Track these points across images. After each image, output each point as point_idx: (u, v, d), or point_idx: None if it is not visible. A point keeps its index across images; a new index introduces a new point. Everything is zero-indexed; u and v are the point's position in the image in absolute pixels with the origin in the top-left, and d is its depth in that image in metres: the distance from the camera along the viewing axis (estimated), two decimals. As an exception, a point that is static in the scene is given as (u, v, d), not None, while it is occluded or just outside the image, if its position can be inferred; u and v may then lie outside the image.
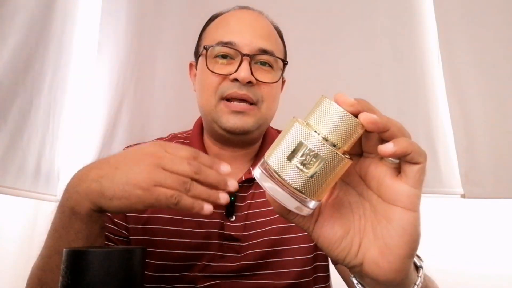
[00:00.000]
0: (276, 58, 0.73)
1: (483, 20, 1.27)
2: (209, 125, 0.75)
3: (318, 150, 0.34)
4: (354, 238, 0.37)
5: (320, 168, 0.34)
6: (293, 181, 0.35)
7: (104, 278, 0.37)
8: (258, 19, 0.76)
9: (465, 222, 1.28)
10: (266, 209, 0.71)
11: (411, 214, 0.34)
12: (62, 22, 1.19)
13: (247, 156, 0.78)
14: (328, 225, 0.38)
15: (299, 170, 0.34)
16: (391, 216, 0.35)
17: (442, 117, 1.28)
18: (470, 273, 1.22)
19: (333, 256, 0.38)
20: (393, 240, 0.34)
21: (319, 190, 0.35)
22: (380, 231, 0.35)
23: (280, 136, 0.38)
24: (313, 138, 0.34)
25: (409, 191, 0.34)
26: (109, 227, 0.71)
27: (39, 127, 1.10)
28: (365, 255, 0.36)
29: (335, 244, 0.38)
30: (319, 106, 0.36)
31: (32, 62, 1.06)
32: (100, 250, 0.38)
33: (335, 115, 0.35)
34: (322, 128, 0.35)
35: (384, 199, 0.36)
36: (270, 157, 0.37)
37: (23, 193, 1.05)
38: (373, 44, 1.30)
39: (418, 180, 0.34)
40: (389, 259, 0.34)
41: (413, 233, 0.34)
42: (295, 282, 0.68)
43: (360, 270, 0.37)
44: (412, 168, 0.34)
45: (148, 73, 1.27)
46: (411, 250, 0.34)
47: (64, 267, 0.38)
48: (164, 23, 1.29)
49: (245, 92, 0.69)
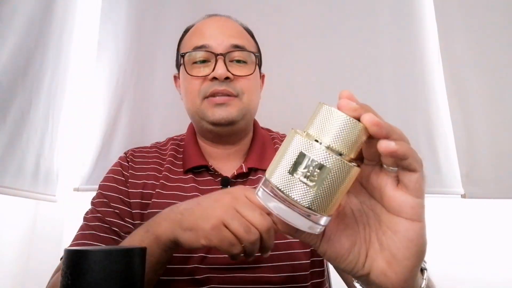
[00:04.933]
0: (249, 53, 0.78)
1: (483, 20, 1.27)
2: (198, 124, 0.80)
3: (322, 160, 0.31)
4: (361, 249, 0.37)
5: (327, 180, 0.31)
6: (301, 198, 0.32)
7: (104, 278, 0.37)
8: (227, 21, 0.82)
9: (466, 222, 1.28)
10: None
11: (416, 225, 0.33)
12: (62, 22, 1.19)
13: (239, 152, 0.82)
14: (335, 238, 0.38)
15: (305, 185, 0.32)
16: (396, 228, 0.34)
17: (442, 117, 1.28)
18: (470, 274, 1.22)
19: (341, 268, 0.38)
20: (400, 252, 0.34)
21: (330, 205, 0.32)
22: (386, 242, 0.35)
23: (279, 151, 0.35)
24: (316, 149, 0.32)
25: (412, 201, 0.33)
26: (118, 222, 0.72)
27: (38, 127, 1.10)
28: (372, 265, 0.36)
29: (343, 257, 0.37)
30: (318, 114, 0.33)
31: (31, 62, 1.06)
32: (100, 250, 0.38)
33: (336, 121, 0.32)
34: (324, 137, 0.32)
35: (388, 210, 0.35)
36: (272, 175, 0.34)
37: (22, 193, 1.05)
38: (373, 44, 1.30)
39: (419, 189, 0.33)
40: (396, 270, 0.34)
41: (420, 244, 0.34)
42: (292, 275, 0.69)
43: (367, 280, 0.37)
44: (411, 177, 0.33)
45: (148, 73, 1.27)
46: (419, 261, 0.34)
47: (64, 267, 0.38)
48: (164, 23, 1.29)
49: (224, 88, 0.74)
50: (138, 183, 0.76)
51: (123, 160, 0.81)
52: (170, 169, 0.79)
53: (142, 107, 1.26)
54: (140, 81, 1.27)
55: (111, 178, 0.78)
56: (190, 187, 0.76)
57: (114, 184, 0.77)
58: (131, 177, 0.77)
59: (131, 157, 0.82)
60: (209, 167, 0.77)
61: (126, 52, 1.27)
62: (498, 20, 1.26)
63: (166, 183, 0.76)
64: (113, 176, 0.78)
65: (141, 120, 1.25)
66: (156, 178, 0.77)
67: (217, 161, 0.80)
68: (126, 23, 1.29)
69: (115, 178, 0.78)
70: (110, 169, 0.81)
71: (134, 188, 0.76)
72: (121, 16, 1.29)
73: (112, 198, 0.75)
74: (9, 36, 0.98)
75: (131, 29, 1.29)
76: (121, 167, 0.79)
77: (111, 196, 0.75)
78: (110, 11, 1.30)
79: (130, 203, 0.75)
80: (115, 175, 0.78)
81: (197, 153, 0.80)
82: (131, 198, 0.75)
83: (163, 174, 0.78)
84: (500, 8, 1.26)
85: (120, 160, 0.82)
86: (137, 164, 0.80)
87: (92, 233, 0.70)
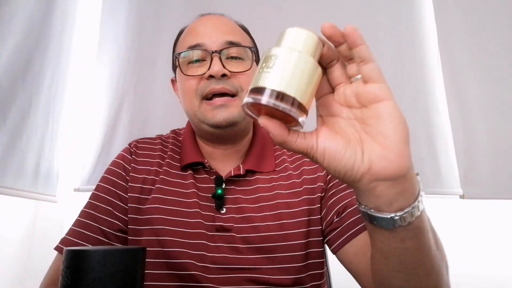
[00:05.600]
0: (245, 48, 0.77)
1: (483, 21, 1.27)
2: (198, 127, 0.78)
3: (278, 52, 0.38)
4: (356, 147, 0.40)
5: (287, 64, 0.37)
6: (267, 83, 0.37)
7: (104, 278, 0.37)
8: (220, 19, 0.81)
9: (464, 222, 1.29)
10: (258, 205, 0.73)
11: (390, 102, 0.39)
12: (62, 22, 1.19)
13: (238, 153, 0.80)
14: (330, 138, 0.41)
15: (267, 73, 0.37)
16: (378, 111, 0.39)
17: (441, 118, 1.28)
18: (469, 273, 1.22)
19: (342, 167, 0.40)
20: (387, 128, 0.39)
21: (298, 88, 0.37)
22: (375, 129, 0.40)
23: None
24: (273, 50, 0.39)
25: (379, 86, 0.40)
26: (108, 220, 0.73)
27: (38, 127, 1.11)
28: (370, 155, 0.39)
29: (341, 153, 0.40)
30: (279, 35, 0.41)
31: (31, 63, 1.06)
32: (100, 250, 0.38)
33: (290, 32, 0.40)
34: (281, 44, 0.40)
35: (367, 104, 0.40)
36: (250, 84, 0.39)
37: (22, 193, 1.05)
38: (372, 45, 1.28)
39: (379, 76, 0.40)
40: (390, 146, 0.39)
41: (399, 115, 0.39)
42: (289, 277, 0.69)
43: (370, 177, 0.40)
44: (368, 67, 0.40)
45: (148, 73, 1.28)
46: (405, 132, 0.39)
47: (64, 267, 0.38)
48: (164, 24, 1.29)
49: (222, 86, 0.72)
50: (139, 178, 0.76)
51: (126, 153, 0.80)
52: (171, 164, 0.78)
53: (142, 107, 1.27)
54: (140, 82, 1.27)
55: (112, 172, 0.78)
56: (189, 183, 0.75)
57: (114, 178, 0.77)
58: (132, 171, 0.77)
59: (134, 149, 0.81)
60: (205, 164, 0.77)
61: (126, 52, 1.28)
62: (497, 22, 1.26)
63: (167, 179, 0.76)
64: (115, 170, 0.78)
65: (141, 120, 1.26)
66: (157, 173, 0.77)
67: (216, 161, 0.79)
68: (126, 23, 1.29)
69: (116, 171, 0.77)
70: (113, 161, 0.81)
71: (134, 182, 0.76)
72: (122, 17, 1.30)
73: (109, 192, 0.75)
74: (9, 36, 0.98)
75: (131, 30, 1.29)
76: (124, 160, 0.79)
77: (108, 190, 0.75)
78: (110, 11, 1.30)
79: (127, 198, 0.75)
80: (117, 169, 0.78)
81: (194, 150, 0.79)
82: (129, 193, 0.75)
83: (164, 169, 0.77)
84: (499, 11, 1.27)
85: (124, 152, 0.81)
86: (140, 157, 0.79)
87: (81, 231, 0.71)
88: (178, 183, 0.76)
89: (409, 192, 0.41)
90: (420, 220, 0.42)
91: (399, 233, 0.43)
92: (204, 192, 0.75)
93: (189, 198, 0.74)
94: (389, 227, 0.42)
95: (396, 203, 0.41)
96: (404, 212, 0.41)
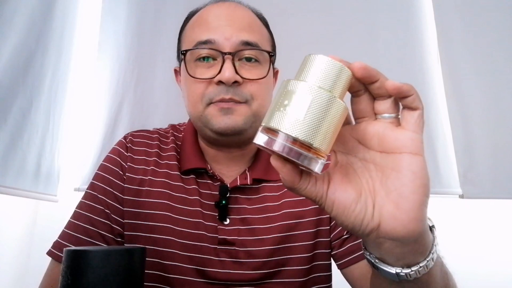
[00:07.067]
0: (262, 51, 0.68)
1: (482, 20, 1.27)
2: (201, 130, 0.71)
3: (306, 93, 0.32)
4: (367, 200, 0.36)
5: (311, 109, 0.32)
6: (289, 129, 0.32)
7: (104, 278, 0.37)
8: (236, 9, 0.70)
9: (464, 222, 1.29)
10: (264, 215, 0.68)
11: (418, 158, 0.34)
12: (62, 22, 1.19)
13: (245, 157, 0.73)
14: (341, 189, 0.37)
15: (290, 114, 0.32)
16: (400, 164, 0.35)
17: (441, 117, 1.28)
18: (468, 273, 1.22)
19: (351, 222, 0.37)
20: (405, 188, 0.34)
21: (319, 134, 0.32)
22: (391, 184, 0.35)
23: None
24: (297, 85, 0.33)
25: (413, 135, 0.35)
26: (102, 222, 0.68)
27: (39, 127, 1.11)
28: (381, 213, 0.35)
29: (351, 207, 0.36)
30: (304, 62, 0.35)
31: (32, 62, 1.06)
32: (100, 250, 0.38)
33: (319, 63, 0.34)
34: (308, 78, 0.33)
35: (390, 151, 0.36)
36: (265, 120, 0.34)
37: (23, 193, 1.05)
38: (371, 44, 1.31)
39: (419, 125, 0.35)
40: (405, 209, 0.34)
41: (424, 176, 0.34)
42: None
43: (378, 234, 0.36)
44: (413, 114, 0.35)
45: (149, 73, 1.28)
46: (425, 195, 0.34)
47: (64, 267, 0.38)
48: (164, 23, 1.29)
49: (231, 96, 0.64)
50: (135, 178, 0.70)
51: (122, 147, 0.73)
52: (171, 165, 0.72)
53: (142, 107, 1.27)
54: (140, 81, 1.27)
55: (108, 169, 0.71)
56: (192, 189, 0.69)
57: (109, 177, 0.70)
58: (128, 170, 0.70)
59: (130, 144, 0.73)
60: (208, 171, 0.70)
61: (126, 52, 1.28)
62: (496, 22, 1.26)
63: (168, 181, 0.70)
64: (111, 167, 0.71)
65: (141, 120, 1.26)
66: (155, 174, 0.70)
67: (220, 165, 0.72)
68: (126, 23, 1.29)
69: (112, 169, 0.71)
70: (108, 156, 0.73)
71: (130, 184, 0.69)
72: (122, 16, 1.30)
73: (105, 192, 0.69)
74: (10, 36, 0.98)
75: (132, 29, 1.29)
76: (119, 156, 0.72)
77: (104, 190, 0.69)
78: (110, 11, 1.30)
79: (123, 200, 0.69)
80: (113, 166, 0.71)
81: (196, 154, 0.72)
82: (125, 195, 0.69)
83: (163, 170, 0.71)
84: (499, 10, 1.26)
85: (119, 147, 0.73)
86: (136, 154, 0.72)
87: (75, 235, 0.67)
88: (180, 187, 0.69)
89: (419, 253, 0.38)
90: (428, 275, 0.39)
91: (403, 285, 0.40)
92: (207, 199, 0.69)
93: (192, 206, 0.68)
94: (393, 279, 0.39)
95: (404, 260, 0.38)
96: (411, 270, 0.38)
